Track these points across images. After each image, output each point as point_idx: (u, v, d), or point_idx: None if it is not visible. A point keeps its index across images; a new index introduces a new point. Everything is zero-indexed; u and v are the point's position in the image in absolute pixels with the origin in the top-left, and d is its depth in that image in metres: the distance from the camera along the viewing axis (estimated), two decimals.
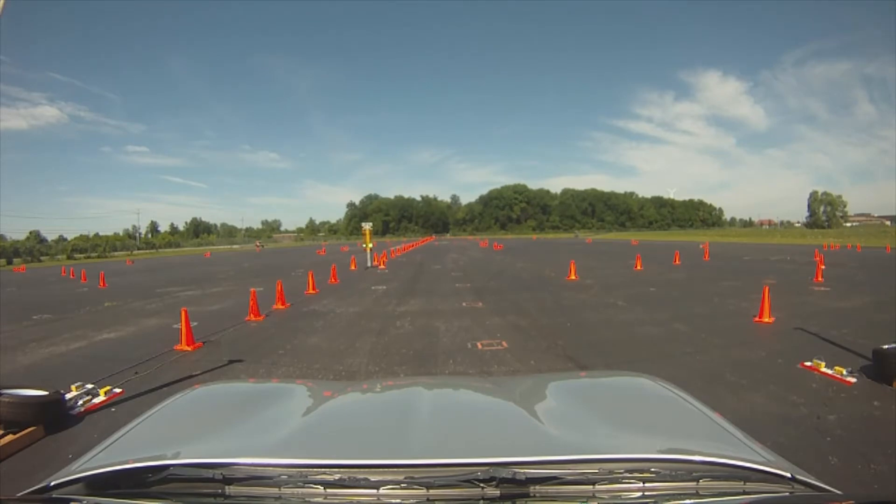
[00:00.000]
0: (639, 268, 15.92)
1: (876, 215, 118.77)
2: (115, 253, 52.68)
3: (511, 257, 24.66)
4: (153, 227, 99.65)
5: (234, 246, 76.74)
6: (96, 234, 67.28)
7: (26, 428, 3.37)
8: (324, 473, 0.89)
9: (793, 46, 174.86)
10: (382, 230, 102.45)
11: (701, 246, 28.48)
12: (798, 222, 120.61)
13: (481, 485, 0.85)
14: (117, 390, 4.45)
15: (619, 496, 0.89)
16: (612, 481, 0.89)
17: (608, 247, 35.29)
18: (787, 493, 0.90)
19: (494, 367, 5.14)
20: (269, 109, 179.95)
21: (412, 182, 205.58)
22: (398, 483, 0.87)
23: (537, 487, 0.87)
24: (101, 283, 15.52)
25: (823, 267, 12.77)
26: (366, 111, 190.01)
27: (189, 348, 6.10)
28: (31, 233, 63.96)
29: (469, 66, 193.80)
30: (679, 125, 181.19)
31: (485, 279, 14.10)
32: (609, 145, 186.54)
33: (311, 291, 11.41)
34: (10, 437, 3.26)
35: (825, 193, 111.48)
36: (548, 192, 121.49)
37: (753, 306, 7.65)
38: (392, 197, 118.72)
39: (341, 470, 0.89)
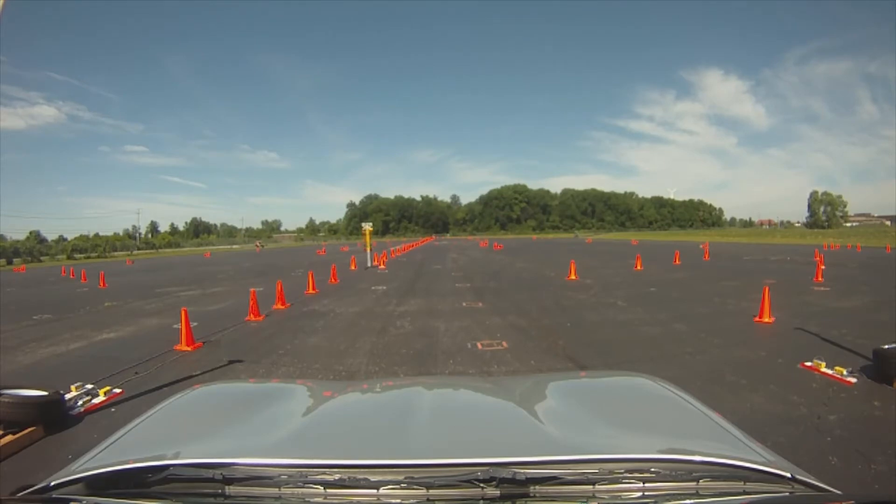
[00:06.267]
0: (639, 268, 15.92)
1: (876, 215, 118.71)
2: (115, 253, 52.64)
3: (511, 257, 24.66)
4: (153, 227, 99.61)
5: (234, 246, 76.73)
6: (96, 234, 66.97)
7: (26, 428, 3.37)
8: (324, 473, 0.89)
9: (795, 45, 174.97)
10: (382, 230, 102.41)
11: (701, 246, 28.50)
12: (798, 222, 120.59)
13: (481, 485, 0.85)
14: (117, 390, 4.45)
15: (619, 496, 0.89)
16: (612, 481, 0.89)
17: (608, 247, 35.28)
18: (787, 493, 0.90)
19: (494, 367, 5.14)
20: (268, 109, 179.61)
21: (412, 182, 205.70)
22: (398, 483, 0.87)
23: (537, 487, 0.87)
24: (101, 283, 15.51)
25: (823, 267, 12.77)
26: (366, 111, 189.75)
27: (189, 348, 6.09)
28: (31, 233, 63.62)
29: (469, 66, 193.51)
30: (680, 124, 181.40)
31: (485, 279, 14.10)
32: (609, 145, 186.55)
33: (311, 291, 11.41)
34: (9, 437, 3.26)
35: (825, 193, 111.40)
36: (548, 192, 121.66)
37: (753, 306, 7.65)
38: (392, 197, 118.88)
39: (341, 470, 0.89)
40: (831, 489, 0.91)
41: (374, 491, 0.87)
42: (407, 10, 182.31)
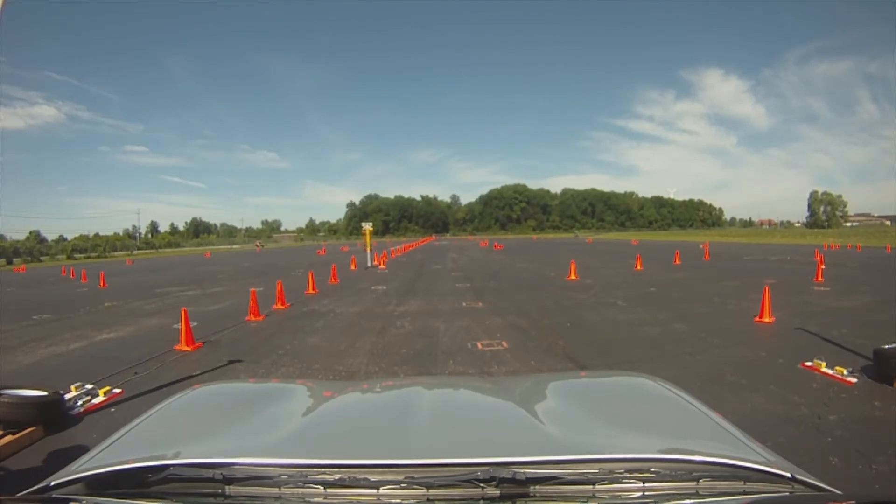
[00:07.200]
0: (639, 268, 15.92)
1: (876, 215, 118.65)
2: (115, 253, 52.59)
3: (511, 257, 24.66)
4: (153, 227, 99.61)
5: (234, 246, 76.69)
6: (96, 234, 66.83)
7: (26, 428, 3.37)
8: (324, 473, 0.89)
9: (795, 45, 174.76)
10: (382, 230, 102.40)
11: (701, 246, 28.49)
12: (798, 222, 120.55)
13: (481, 485, 0.85)
14: (117, 390, 4.45)
15: (619, 496, 0.89)
16: (612, 481, 0.89)
17: (608, 247, 35.28)
18: (787, 493, 0.90)
19: (494, 367, 5.14)
20: (267, 109, 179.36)
21: (412, 182, 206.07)
22: (398, 483, 0.87)
23: (537, 487, 0.87)
24: (101, 283, 15.51)
25: (823, 267, 12.75)
26: (366, 111, 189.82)
27: (189, 348, 6.09)
28: (31, 233, 63.57)
29: (469, 66, 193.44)
30: (680, 124, 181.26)
31: (485, 279, 14.10)
32: (609, 145, 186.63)
33: (310, 291, 11.40)
34: (9, 438, 3.26)
35: (825, 193, 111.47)
36: (548, 191, 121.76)
37: (754, 306, 7.64)
38: (392, 197, 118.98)
39: (341, 470, 0.89)
40: (831, 489, 0.91)
41: (374, 491, 0.87)
42: (407, 10, 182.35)
